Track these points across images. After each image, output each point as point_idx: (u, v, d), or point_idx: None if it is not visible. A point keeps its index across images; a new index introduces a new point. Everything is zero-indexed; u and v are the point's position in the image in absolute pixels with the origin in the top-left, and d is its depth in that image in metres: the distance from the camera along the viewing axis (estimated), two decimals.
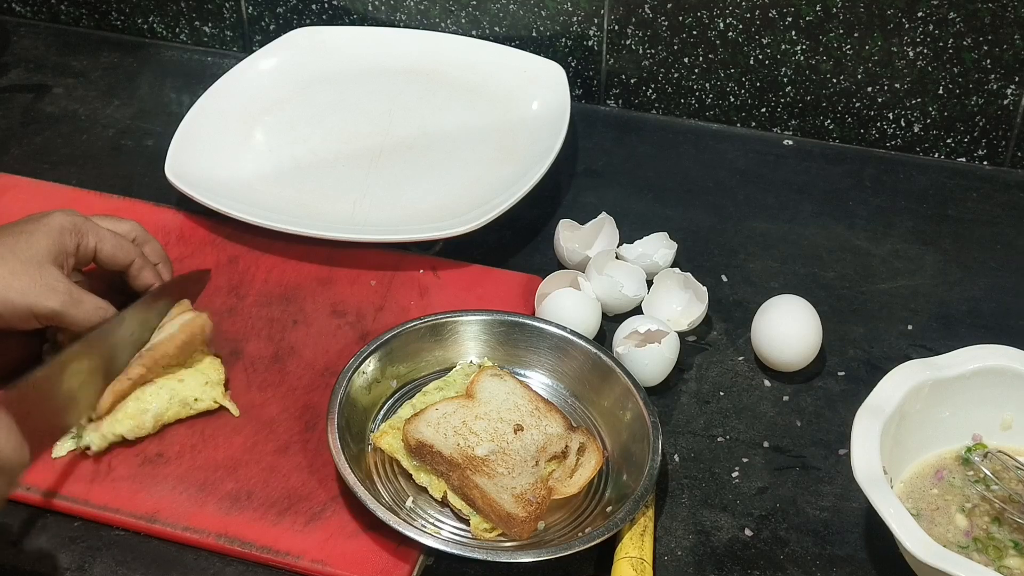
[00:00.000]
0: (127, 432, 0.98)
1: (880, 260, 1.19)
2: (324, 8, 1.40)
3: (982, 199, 1.27)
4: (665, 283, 1.12)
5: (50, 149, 1.32)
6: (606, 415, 1.02)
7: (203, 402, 1.01)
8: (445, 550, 0.90)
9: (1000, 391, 0.96)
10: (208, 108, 1.29)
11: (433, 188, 1.23)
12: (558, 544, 0.91)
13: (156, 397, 1.00)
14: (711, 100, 1.34)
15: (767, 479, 1.00)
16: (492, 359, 1.05)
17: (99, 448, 0.98)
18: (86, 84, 1.41)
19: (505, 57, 1.35)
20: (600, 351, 1.03)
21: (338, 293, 1.13)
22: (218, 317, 1.10)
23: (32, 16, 1.51)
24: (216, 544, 0.93)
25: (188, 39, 1.47)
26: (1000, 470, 0.94)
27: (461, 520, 0.95)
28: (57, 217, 1.01)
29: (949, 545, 0.90)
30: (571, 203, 1.25)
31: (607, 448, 1.00)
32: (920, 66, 1.26)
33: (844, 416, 1.01)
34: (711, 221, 1.23)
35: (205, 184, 1.20)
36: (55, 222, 1.00)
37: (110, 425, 0.98)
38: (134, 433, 0.99)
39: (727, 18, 1.29)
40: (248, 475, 0.97)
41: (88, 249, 1.02)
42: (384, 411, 1.02)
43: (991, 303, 1.15)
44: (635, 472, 0.96)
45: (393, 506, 0.94)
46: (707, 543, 0.95)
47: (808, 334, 1.06)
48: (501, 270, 1.16)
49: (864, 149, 1.32)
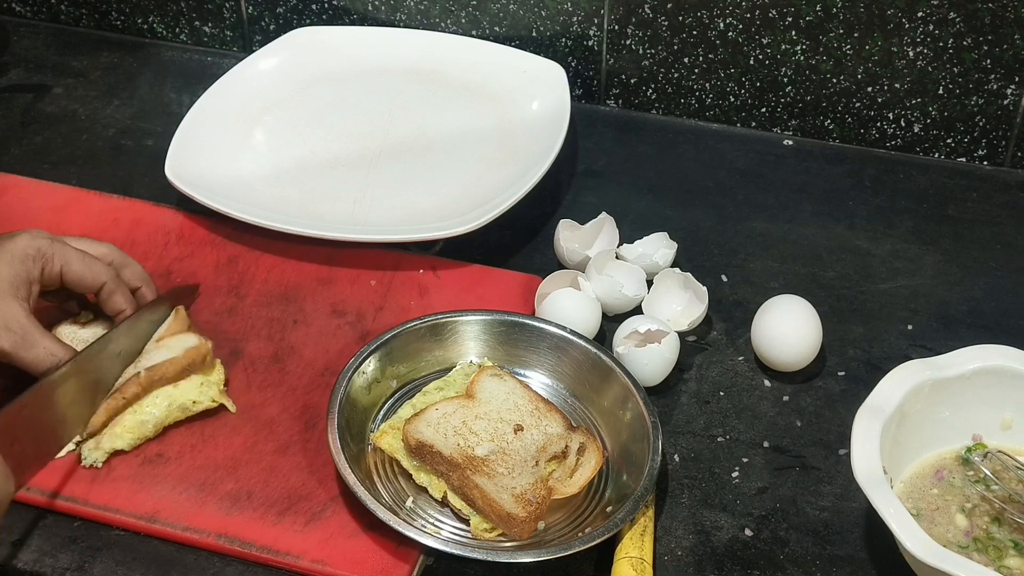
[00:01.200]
0: (127, 446, 0.98)
1: (880, 260, 1.19)
2: (324, 8, 1.40)
3: (982, 199, 1.27)
4: (665, 283, 1.12)
5: (50, 149, 1.32)
6: (606, 415, 1.02)
7: (201, 403, 1.01)
8: (445, 550, 0.90)
9: (1000, 391, 0.96)
10: (208, 108, 1.29)
11: (433, 188, 1.23)
12: (558, 544, 0.91)
13: (154, 406, 0.99)
14: (711, 100, 1.34)
15: (767, 479, 1.00)
16: (492, 359, 1.05)
17: (102, 463, 0.98)
18: (86, 84, 1.41)
19: (505, 57, 1.35)
20: (600, 351, 1.03)
21: (338, 293, 1.13)
22: (218, 317, 1.10)
23: (32, 16, 1.51)
24: (216, 544, 0.93)
25: (188, 39, 1.47)
26: (1000, 470, 0.94)
27: (461, 520, 0.95)
28: (21, 242, 0.98)
29: (949, 545, 0.90)
30: (571, 203, 1.25)
31: (607, 448, 1.00)
32: (920, 66, 1.26)
33: (844, 416, 1.01)
34: (711, 221, 1.23)
35: (205, 184, 1.20)
36: (18, 249, 0.97)
37: (111, 440, 0.98)
38: (135, 445, 0.99)
39: (727, 18, 1.29)
40: (248, 475, 0.97)
41: (54, 273, 0.99)
42: (384, 411, 1.02)
43: (991, 303, 1.15)
44: (635, 472, 0.96)
45: (393, 506, 0.94)
46: (707, 543, 0.95)
47: (808, 334, 1.06)
48: (501, 270, 1.16)
49: (864, 149, 1.32)
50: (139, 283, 1.05)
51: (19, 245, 0.98)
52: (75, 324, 1.05)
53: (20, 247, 0.98)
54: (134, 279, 1.05)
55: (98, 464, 0.97)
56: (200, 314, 1.10)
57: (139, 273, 1.06)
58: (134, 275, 1.05)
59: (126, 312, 1.02)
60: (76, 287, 1.01)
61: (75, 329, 1.05)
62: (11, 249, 0.97)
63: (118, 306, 1.03)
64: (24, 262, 0.97)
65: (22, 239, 0.98)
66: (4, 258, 0.97)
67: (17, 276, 0.96)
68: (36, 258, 0.98)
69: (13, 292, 0.96)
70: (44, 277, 0.99)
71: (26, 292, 0.97)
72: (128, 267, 1.05)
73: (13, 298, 0.96)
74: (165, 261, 1.15)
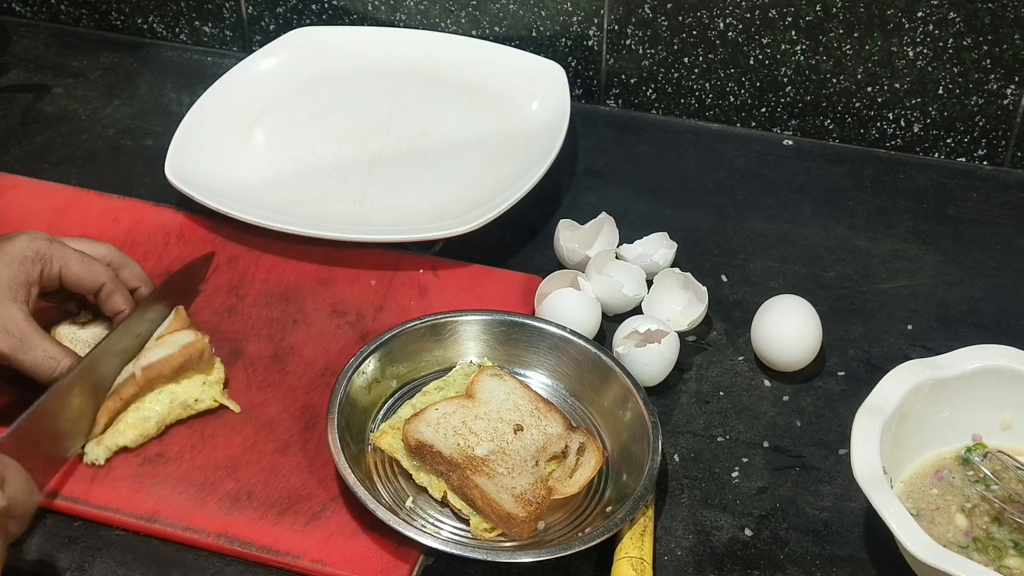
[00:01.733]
0: (131, 442, 0.98)
1: (880, 260, 1.19)
2: (324, 8, 1.40)
3: (982, 199, 1.27)
4: (665, 283, 1.12)
5: (50, 149, 1.32)
6: (606, 415, 1.02)
7: (203, 402, 1.01)
8: (445, 550, 0.90)
9: (1000, 391, 0.96)
10: (208, 108, 1.29)
11: (433, 188, 1.23)
12: (558, 544, 0.91)
13: (156, 402, 0.99)
14: (711, 100, 1.34)
15: (767, 479, 1.00)
16: (492, 359, 1.05)
17: (104, 460, 0.98)
18: (86, 84, 1.41)
19: (505, 57, 1.35)
20: (600, 351, 1.03)
21: (338, 293, 1.13)
22: (218, 317, 1.10)
23: (32, 16, 1.51)
24: (216, 544, 0.93)
25: (188, 39, 1.47)
26: (1000, 470, 0.94)
27: (461, 520, 0.95)
28: (19, 244, 0.98)
29: (949, 545, 0.90)
30: (571, 203, 1.25)
31: (607, 448, 1.00)
32: (920, 66, 1.26)
33: (844, 416, 1.01)
34: (711, 221, 1.23)
35: (205, 184, 1.20)
36: (16, 251, 0.97)
37: (113, 438, 0.98)
38: (138, 442, 0.99)
39: (727, 18, 1.29)
40: (248, 475, 0.97)
41: (53, 274, 0.99)
42: (384, 411, 1.02)
43: (991, 303, 1.15)
44: (635, 472, 0.96)
45: (393, 506, 0.94)
46: (707, 543, 0.95)
47: (808, 334, 1.06)
48: (501, 270, 1.16)
49: (864, 149, 1.32)
50: (138, 283, 1.05)
51: (18, 247, 0.98)
52: (74, 324, 1.05)
53: (19, 249, 0.98)
54: (133, 279, 1.05)
55: (99, 461, 0.97)
56: (200, 314, 1.10)
57: (138, 273, 1.06)
58: (133, 275, 1.05)
59: (125, 312, 1.02)
60: (75, 288, 1.01)
61: (74, 330, 1.05)
62: (10, 251, 0.97)
63: (117, 306, 1.03)
64: (23, 264, 0.97)
65: (20, 241, 0.98)
66: (3, 260, 0.96)
67: (16, 279, 0.96)
68: (35, 260, 0.98)
69: (12, 295, 0.96)
70: (43, 279, 0.99)
71: (25, 295, 0.97)
72: (127, 267, 1.05)
73: (12, 301, 0.96)
74: (165, 261, 1.15)
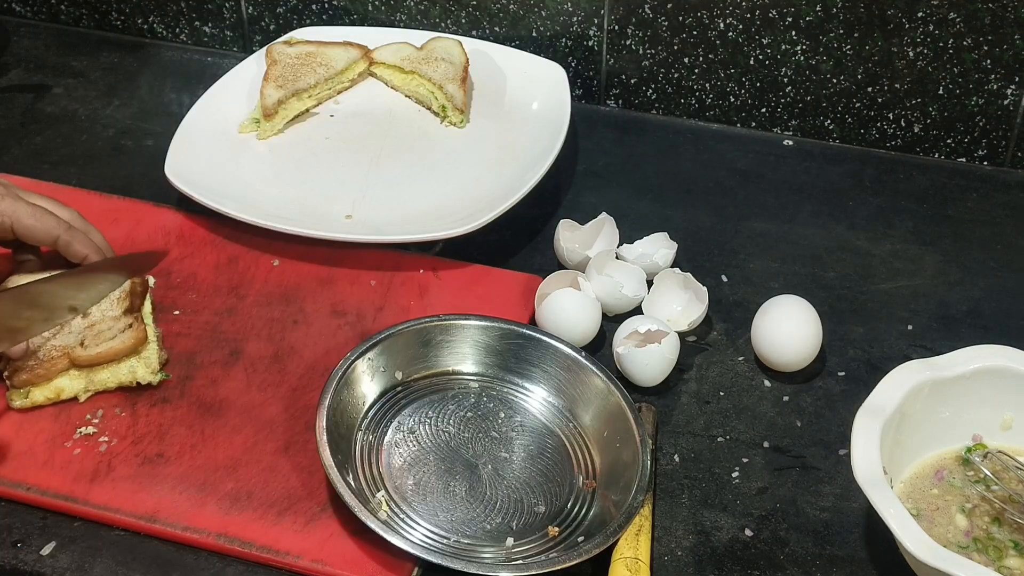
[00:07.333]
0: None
1: (880, 260, 1.19)
2: (324, 8, 1.40)
3: (982, 199, 1.27)
4: (665, 283, 1.12)
5: (50, 149, 1.32)
6: (594, 436, 1.01)
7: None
8: (431, 560, 0.89)
9: (1000, 391, 0.96)
10: (208, 108, 1.29)
11: (433, 188, 1.23)
12: (539, 565, 0.91)
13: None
14: (711, 100, 1.34)
15: (767, 479, 1.00)
16: (486, 366, 1.05)
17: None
18: (86, 84, 1.42)
19: (505, 57, 1.35)
20: (574, 351, 1.03)
21: (338, 293, 1.13)
22: (218, 317, 1.10)
23: (32, 16, 1.51)
24: (216, 544, 0.93)
25: (188, 39, 1.47)
26: (1000, 470, 0.94)
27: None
28: None
29: (949, 545, 0.90)
30: (571, 203, 1.25)
31: (596, 466, 0.99)
32: (920, 66, 1.26)
33: (844, 416, 1.01)
34: (711, 221, 1.24)
35: (205, 184, 1.20)
36: None
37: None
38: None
39: (727, 18, 1.29)
40: (248, 475, 0.97)
41: (5, 227, 1.02)
42: (373, 412, 1.01)
43: (991, 303, 1.15)
44: (625, 486, 0.96)
45: (366, 494, 0.94)
46: (707, 543, 0.95)
47: (808, 334, 1.06)
48: (501, 270, 1.16)
49: (864, 149, 1.32)
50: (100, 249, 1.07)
51: None
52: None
53: None
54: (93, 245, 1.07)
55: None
56: (200, 314, 1.10)
57: (99, 240, 1.08)
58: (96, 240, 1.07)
59: (90, 257, 1.05)
60: (29, 239, 1.04)
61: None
62: None
63: (79, 253, 1.05)
64: None
65: None
66: None
67: None
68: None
69: None
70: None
71: None
72: (89, 232, 1.08)
73: None
74: (165, 261, 1.15)
